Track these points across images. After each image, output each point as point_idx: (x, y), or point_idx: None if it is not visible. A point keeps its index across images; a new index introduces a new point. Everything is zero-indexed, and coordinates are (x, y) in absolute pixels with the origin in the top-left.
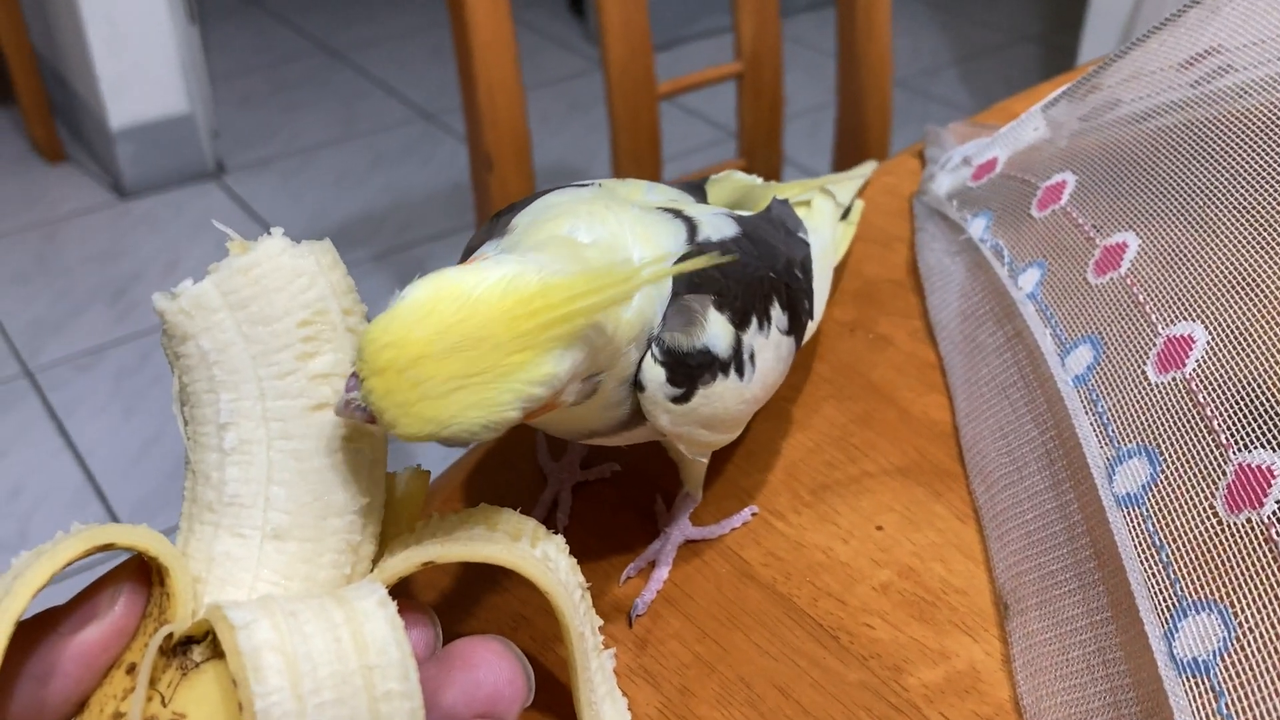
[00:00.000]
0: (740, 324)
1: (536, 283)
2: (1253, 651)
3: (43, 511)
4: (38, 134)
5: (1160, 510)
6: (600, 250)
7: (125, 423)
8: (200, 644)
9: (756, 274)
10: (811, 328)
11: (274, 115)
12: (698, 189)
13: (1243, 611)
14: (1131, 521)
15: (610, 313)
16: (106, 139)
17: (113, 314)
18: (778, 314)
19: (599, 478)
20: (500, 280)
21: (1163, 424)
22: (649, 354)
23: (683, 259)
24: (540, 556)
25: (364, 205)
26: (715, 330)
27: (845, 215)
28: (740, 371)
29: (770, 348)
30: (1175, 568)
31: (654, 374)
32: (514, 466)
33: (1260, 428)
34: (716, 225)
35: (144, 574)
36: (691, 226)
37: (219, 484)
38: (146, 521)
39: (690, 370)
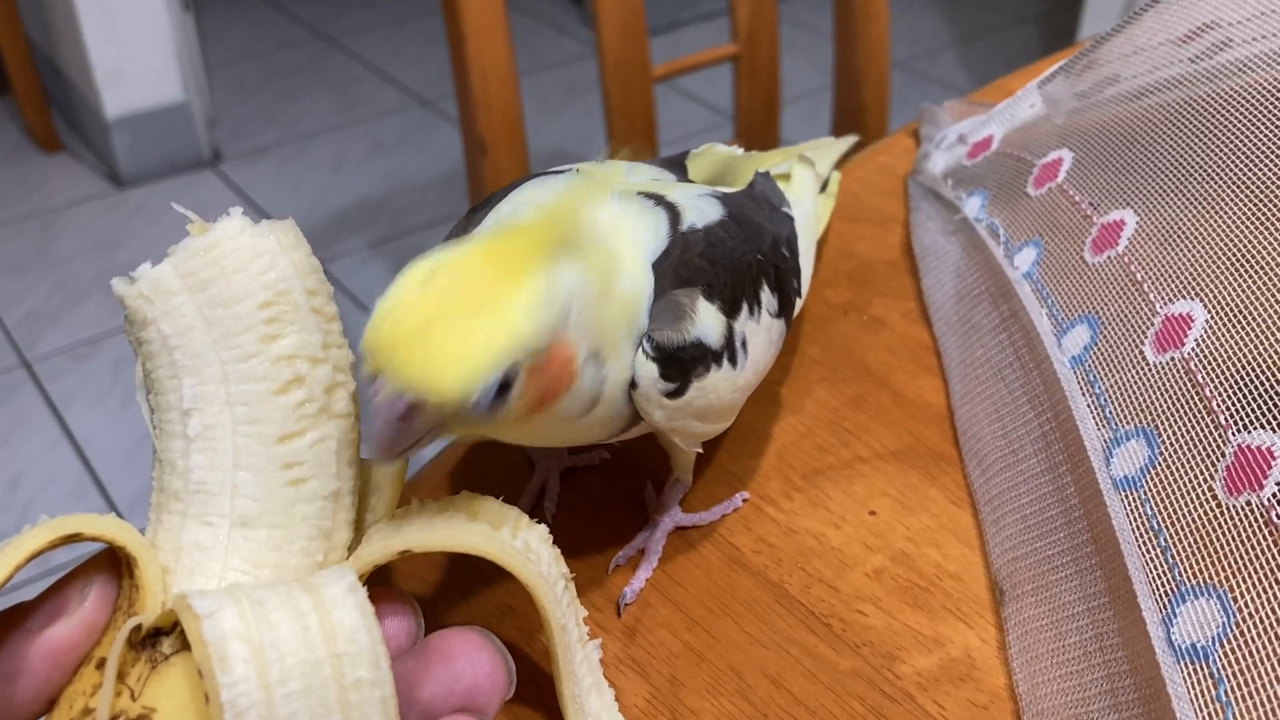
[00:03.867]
0: (731, 312)
1: (510, 227)
2: (1253, 637)
3: (42, 502)
4: (33, 124)
5: (1158, 493)
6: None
7: (124, 412)
8: (169, 636)
9: (744, 258)
10: (798, 305)
11: (270, 103)
12: (679, 165)
13: (1242, 596)
14: (1129, 505)
15: (587, 256)
16: (102, 128)
17: (110, 304)
18: (767, 297)
19: (587, 464)
20: (477, 237)
21: (1161, 405)
22: (640, 351)
23: (665, 254)
24: (521, 547)
25: (361, 192)
26: (706, 322)
27: (824, 188)
28: (733, 360)
29: (761, 332)
30: (1174, 552)
31: (646, 370)
32: (501, 454)
33: (1260, 408)
34: (700, 209)
35: (116, 567)
36: (674, 214)
37: (185, 471)
38: (144, 512)
39: (683, 364)
